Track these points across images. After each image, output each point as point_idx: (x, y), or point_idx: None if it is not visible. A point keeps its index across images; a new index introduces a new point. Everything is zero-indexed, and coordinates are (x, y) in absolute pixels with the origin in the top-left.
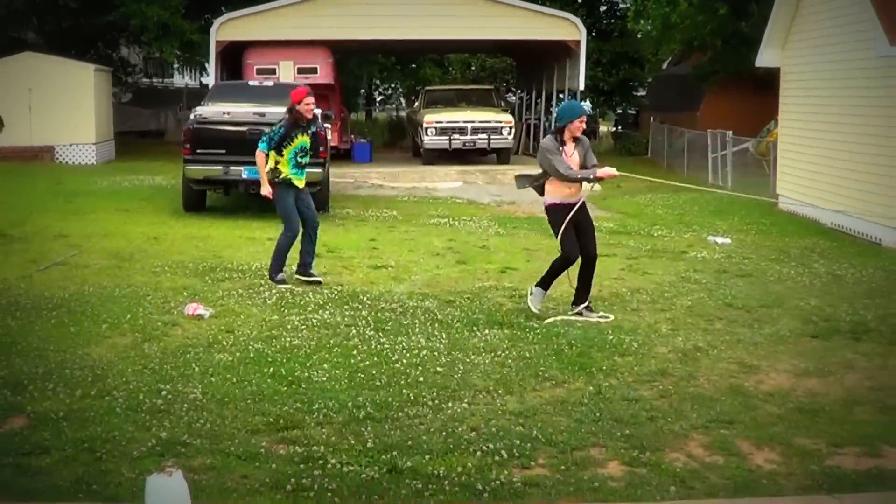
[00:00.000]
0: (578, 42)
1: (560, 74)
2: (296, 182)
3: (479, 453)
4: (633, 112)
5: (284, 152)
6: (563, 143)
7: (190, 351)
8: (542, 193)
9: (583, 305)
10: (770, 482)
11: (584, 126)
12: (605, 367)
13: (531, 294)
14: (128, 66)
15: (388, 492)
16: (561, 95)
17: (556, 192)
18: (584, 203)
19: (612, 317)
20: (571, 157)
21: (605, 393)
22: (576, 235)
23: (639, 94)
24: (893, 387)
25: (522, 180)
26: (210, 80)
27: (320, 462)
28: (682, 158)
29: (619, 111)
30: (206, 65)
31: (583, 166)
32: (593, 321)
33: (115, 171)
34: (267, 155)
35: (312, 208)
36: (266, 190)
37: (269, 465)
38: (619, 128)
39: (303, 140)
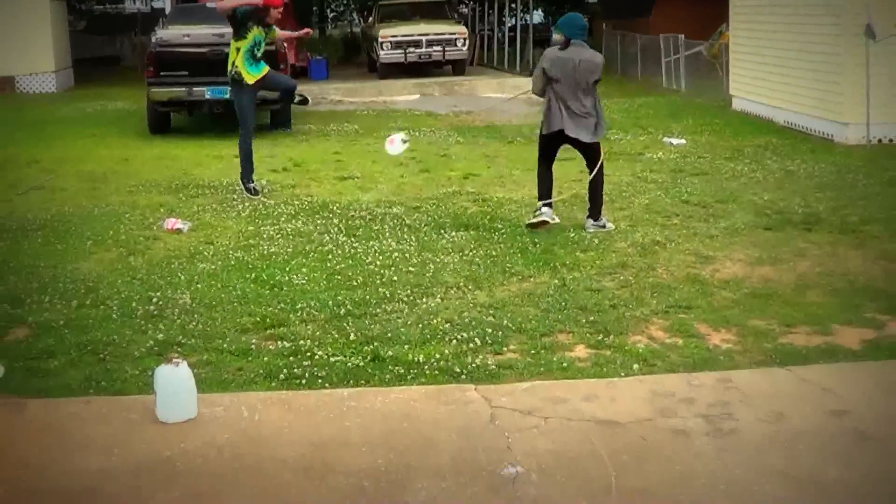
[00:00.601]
0: None
1: None
2: (248, 78)
3: (454, 342)
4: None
5: (244, 41)
6: None
7: (174, 262)
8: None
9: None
10: (726, 359)
11: None
12: (568, 262)
13: (607, 224)
14: None
15: (373, 377)
16: (513, 5)
17: None
18: None
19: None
20: None
21: (569, 285)
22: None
23: (590, 1)
24: (842, 272)
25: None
26: (163, 4)
27: (308, 354)
28: (636, 64)
29: None
30: None
31: None
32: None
33: (77, 98)
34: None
35: (284, 79)
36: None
37: (261, 359)
38: None
39: (259, 34)
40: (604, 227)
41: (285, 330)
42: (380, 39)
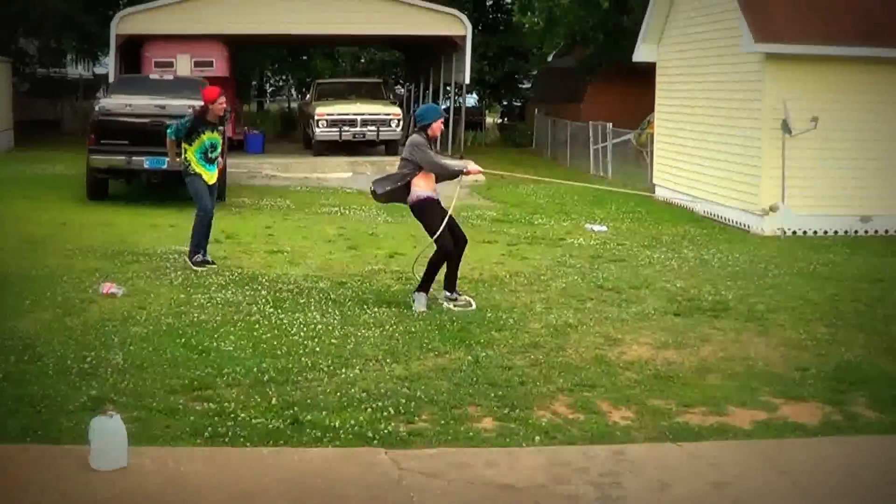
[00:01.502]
0: (464, 37)
1: (447, 68)
2: (205, 177)
3: (369, 410)
4: (519, 104)
5: (193, 146)
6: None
7: (108, 324)
8: (405, 193)
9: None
10: (623, 434)
11: (443, 127)
12: (482, 340)
13: (414, 302)
14: (25, 57)
15: (291, 439)
16: (448, 88)
17: (426, 187)
18: None
19: (473, 305)
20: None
21: (482, 362)
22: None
23: (524, 86)
24: (743, 357)
25: (382, 184)
26: (105, 70)
27: (232, 416)
28: (566, 149)
29: (505, 103)
30: (101, 56)
31: None
32: (459, 308)
33: (16, 160)
34: (175, 141)
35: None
36: (173, 161)
37: (187, 418)
38: (505, 120)
39: (212, 137)
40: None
41: (212, 392)
42: (316, 117)
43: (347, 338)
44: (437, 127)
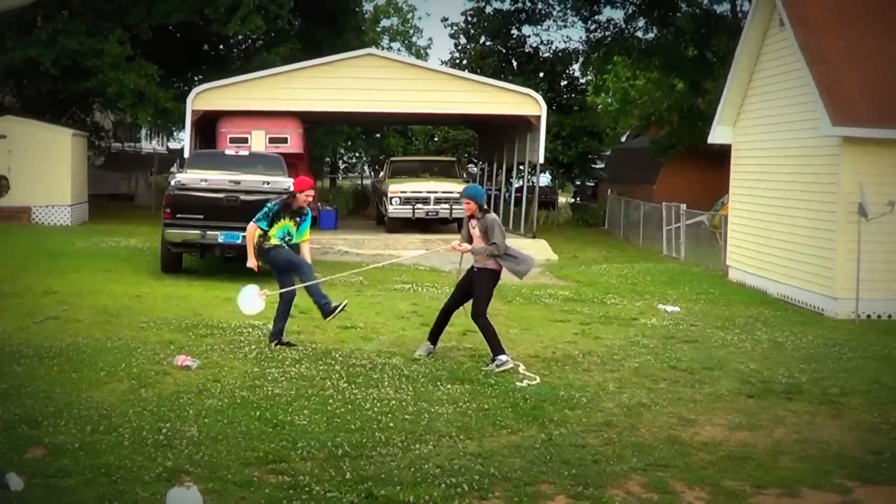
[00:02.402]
0: (539, 117)
1: (521, 147)
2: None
3: (443, 486)
4: (592, 184)
5: (272, 230)
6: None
7: (183, 396)
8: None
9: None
10: None
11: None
12: (556, 419)
13: (503, 364)
14: (101, 131)
15: None
16: (521, 167)
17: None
18: None
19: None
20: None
21: (555, 440)
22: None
23: (597, 166)
24: (817, 439)
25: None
26: (180, 145)
27: (306, 489)
28: (638, 230)
29: (578, 183)
30: (175, 131)
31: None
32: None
33: (91, 233)
34: (263, 231)
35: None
36: (252, 263)
37: (262, 490)
38: (578, 199)
39: (288, 224)
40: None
41: (286, 466)
42: (389, 194)
43: (421, 413)
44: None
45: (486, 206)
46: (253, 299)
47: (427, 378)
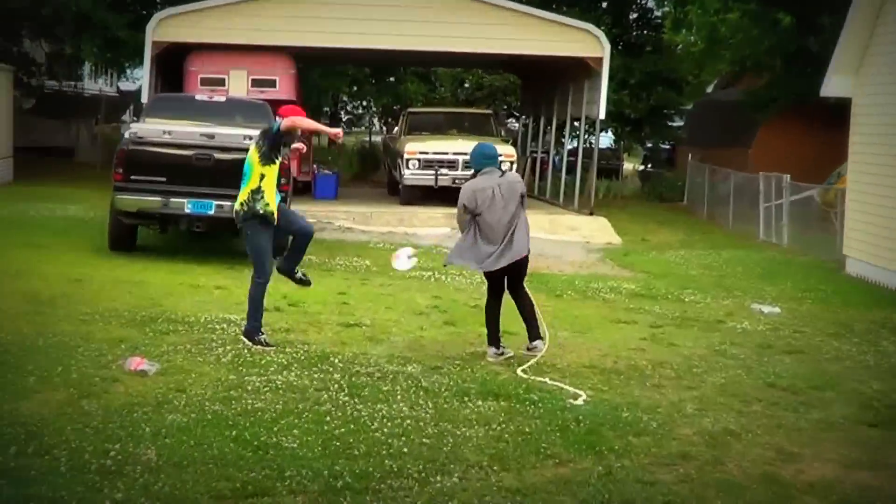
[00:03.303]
0: (600, 59)
1: (576, 98)
2: (272, 218)
3: None
4: (667, 147)
5: (271, 170)
6: None
7: (137, 410)
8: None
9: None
10: None
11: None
12: (617, 448)
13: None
14: (31, 65)
15: None
16: (576, 124)
17: None
18: None
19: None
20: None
21: (615, 474)
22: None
23: (675, 124)
24: None
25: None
26: (136, 86)
27: None
28: (727, 207)
29: (650, 145)
30: (129, 68)
31: None
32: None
33: (17, 197)
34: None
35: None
36: (335, 130)
37: None
38: (649, 166)
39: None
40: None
41: (269, 500)
42: (405, 155)
43: (443, 437)
44: None
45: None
46: (402, 259)
47: (452, 392)
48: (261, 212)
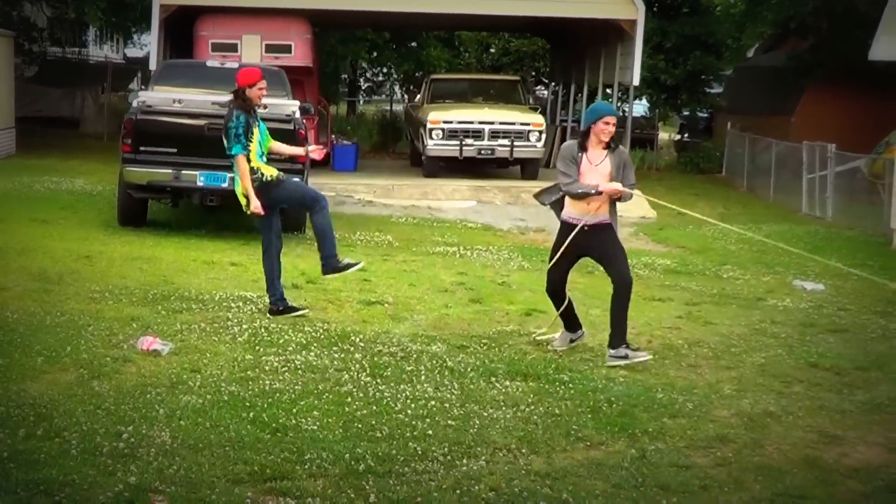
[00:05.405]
0: (634, 22)
1: (609, 64)
2: (278, 179)
3: None
4: (705, 115)
5: (252, 149)
6: (584, 150)
7: (150, 391)
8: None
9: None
10: None
11: (612, 129)
12: (651, 430)
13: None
14: (32, 30)
15: None
16: (608, 91)
17: (570, 207)
18: (607, 225)
19: (648, 356)
20: (597, 167)
21: (649, 457)
22: (600, 263)
23: (713, 91)
24: None
25: (547, 195)
26: (143, 52)
27: None
28: (769, 178)
29: (686, 113)
30: (136, 33)
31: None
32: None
33: (21, 170)
34: (247, 159)
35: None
36: (256, 205)
37: None
38: (685, 136)
39: (258, 135)
40: (625, 357)
41: (289, 484)
42: (428, 125)
43: (470, 419)
44: (601, 129)
45: None
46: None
47: (478, 372)
48: (267, 180)
